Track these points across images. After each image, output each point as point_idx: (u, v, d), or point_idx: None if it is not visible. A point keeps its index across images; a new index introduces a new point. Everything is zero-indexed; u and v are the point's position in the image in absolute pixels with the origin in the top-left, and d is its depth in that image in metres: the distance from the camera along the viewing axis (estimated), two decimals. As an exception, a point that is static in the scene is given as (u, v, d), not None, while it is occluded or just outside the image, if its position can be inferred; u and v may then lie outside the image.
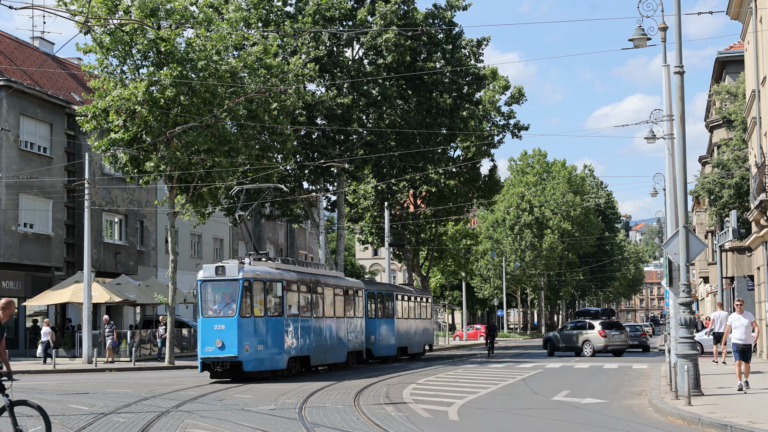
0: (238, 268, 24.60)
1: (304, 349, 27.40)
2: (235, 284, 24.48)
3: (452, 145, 46.03)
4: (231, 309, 24.53)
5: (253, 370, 24.70)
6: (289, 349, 26.23)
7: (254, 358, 24.66)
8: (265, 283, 25.26)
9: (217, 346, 24.26)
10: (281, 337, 25.77)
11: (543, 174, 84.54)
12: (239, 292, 24.35)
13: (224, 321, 24.47)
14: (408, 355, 39.44)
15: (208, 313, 24.80)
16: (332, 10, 37.41)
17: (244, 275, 24.53)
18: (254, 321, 24.75)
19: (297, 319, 26.88)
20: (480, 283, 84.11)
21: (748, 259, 40.58)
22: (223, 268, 24.70)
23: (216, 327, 24.41)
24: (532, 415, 16.47)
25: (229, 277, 24.58)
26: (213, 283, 24.92)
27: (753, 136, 33.44)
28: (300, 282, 27.34)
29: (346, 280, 33.05)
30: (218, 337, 24.31)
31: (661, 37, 21.17)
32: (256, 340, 24.72)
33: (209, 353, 24.43)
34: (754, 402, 16.69)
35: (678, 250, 18.38)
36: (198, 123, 28.83)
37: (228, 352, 24.26)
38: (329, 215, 62.62)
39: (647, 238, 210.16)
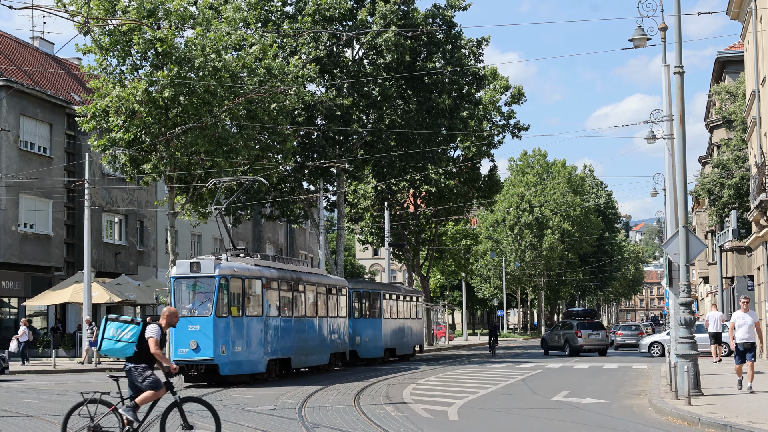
0: (215, 264, 23.13)
1: (285, 351, 25.99)
2: (211, 281, 22.99)
3: (452, 145, 46.03)
4: (206, 308, 23.03)
5: (230, 374, 23.25)
6: (269, 351, 24.80)
7: (231, 360, 23.19)
8: (243, 280, 23.75)
9: (191, 348, 22.76)
10: (260, 338, 24.35)
11: (543, 174, 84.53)
12: (215, 290, 22.86)
13: (199, 321, 22.91)
14: (397, 356, 37.90)
15: (182, 313, 22.97)
16: (332, 10, 37.40)
17: (221, 272, 23.04)
18: (231, 321, 23.26)
19: (277, 319, 25.46)
20: (480, 283, 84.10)
21: (748, 259, 40.58)
22: (198, 264, 23.20)
23: (190, 327, 22.81)
24: (532, 415, 16.47)
25: (204, 273, 23.10)
26: (187, 280, 23.36)
27: (753, 136, 33.45)
28: (280, 279, 25.87)
29: (329, 278, 31.57)
30: (192, 338, 22.78)
31: (661, 37, 21.18)
32: (233, 342, 23.23)
33: (183, 356, 22.86)
34: (754, 402, 16.69)
35: (678, 250, 18.38)
36: (197, 123, 28.82)
37: (203, 355, 22.77)
38: (329, 215, 62.62)
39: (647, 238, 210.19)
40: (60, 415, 16.35)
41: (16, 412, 17.15)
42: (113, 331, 11.36)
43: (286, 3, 39.33)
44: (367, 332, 34.48)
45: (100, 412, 11.32)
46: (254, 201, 39.60)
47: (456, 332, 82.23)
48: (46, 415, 16.55)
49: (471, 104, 43.27)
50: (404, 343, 38.68)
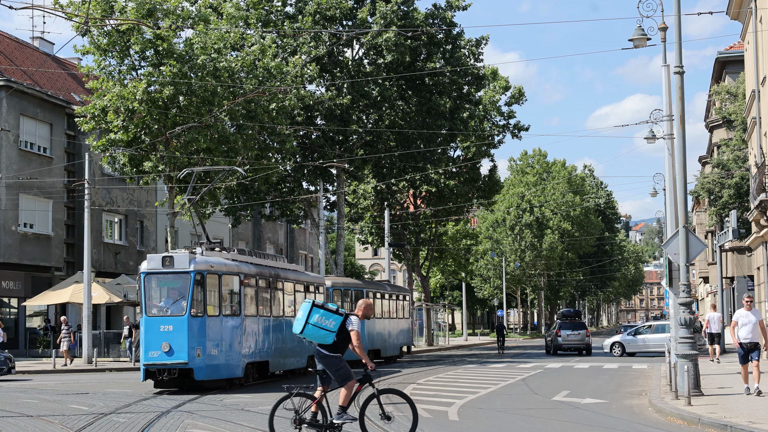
0: (189, 259, 21.32)
1: (263, 354, 24.20)
2: (186, 277, 21.21)
3: (452, 146, 46.02)
4: (180, 307, 21.26)
5: (205, 379, 21.51)
6: (247, 354, 23.03)
7: (207, 364, 21.38)
8: (220, 276, 21.95)
9: (163, 351, 20.96)
10: (238, 340, 22.53)
11: (543, 174, 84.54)
12: (190, 286, 21.09)
13: (172, 321, 21.14)
14: (382, 358, 36.06)
15: (153, 312, 21.39)
16: (333, 10, 37.40)
17: (196, 267, 21.26)
18: (207, 321, 21.47)
19: (255, 319, 23.65)
20: (480, 283, 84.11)
21: (748, 259, 40.59)
22: (171, 258, 21.44)
23: (162, 328, 21.07)
24: (532, 415, 16.47)
25: (178, 269, 21.31)
26: (159, 276, 21.62)
27: (753, 136, 33.44)
28: (259, 276, 24.11)
29: (307, 275, 29.69)
30: (165, 340, 20.95)
31: (661, 37, 21.18)
32: (209, 344, 21.47)
33: (154, 359, 21.09)
34: (754, 402, 16.68)
35: (678, 250, 18.38)
36: (197, 123, 28.82)
37: (177, 358, 20.99)
38: (329, 215, 62.61)
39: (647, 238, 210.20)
40: (60, 416, 16.37)
41: (16, 412, 17.15)
42: (318, 317, 11.68)
43: (287, 3, 39.33)
44: None
45: (304, 405, 11.77)
46: (254, 201, 39.60)
47: (456, 332, 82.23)
48: (46, 415, 16.54)
49: (471, 104, 43.27)
50: (390, 344, 37.23)
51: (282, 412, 11.87)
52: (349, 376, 11.67)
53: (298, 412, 11.64)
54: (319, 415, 11.74)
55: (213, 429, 14.44)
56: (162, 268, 21.48)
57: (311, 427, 11.71)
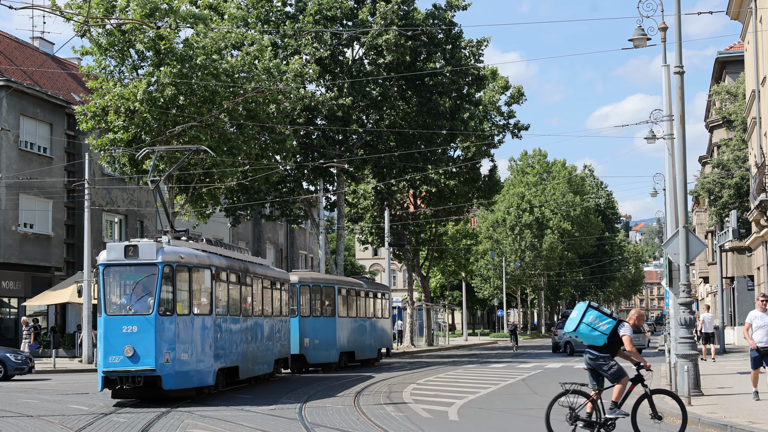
0: (156, 249, 18.74)
1: (233, 358, 21.50)
2: (152, 270, 18.59)
3: (452, 146, 46.03)
4: (146, 304, 18.58)
5: (174, 388, 18.74)
6: (218, 358, 20.32)
7: (177, 371, 18.62)
8: (190, 269, 19.27)
9: (126, 356, 18.21)
10: (210, 343, 19.90)
11: (543, 174, 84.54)
12: (158, 280, 18.47)
13: (137, 321, 18.42)
14: (357, 361, 33.57)
15: (114, 310, 18.71)
16: (333, 10, 37.41)
17: (165, 258, 18.65)
18: (177, 321, 18.76)
19: (226, 319, 21.07)
20: (480, 283, 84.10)
21: (748, 259, 40.59)
22: (135, 247, 18.77)
23: (125, 329, 18.34)
24: (532, 415, 16.46)
25: (144, 260, 18.67)
26: (121, 268, 18.94)
27: (753, 136, 33.44)
28: (230, 270, 21.47)
29: (273, 270, 26.99)
30: (128, 342, 18.25)
31: (661, 37, 21.19)
32: (179, 348, 18.77)
33: (116, 365, 18.29)
34: (754, 402, 16.67)
35: (678, 250, 18.38)
36: (197, 122, 28.82)
37: (142, 364, 18.22)
38: (329, 215, 62.63)
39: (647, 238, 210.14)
40: (60, 416, 16.38)
41: (16, 412, 17.15)
42: (592, 318, 12.04)
43: (287, 3, 39.35)
44: (318, 333, 30.11)
45: (579, 402, 12.07)
46: (254, 201, 39.60)
47: (456, 332, 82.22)
48: (45, 415, 16.55)
49: (471, 104, 43.28)
50: (366, 346, 34.58)
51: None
52: (622, 374, 12.08)
53: (573, 409, 12.01)
54: (594, 414, 12.09)
55: (213, 428, 14.45)
56: (124, 259, 18.82)
57: (586, 426, 12.06)
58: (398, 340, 53.78)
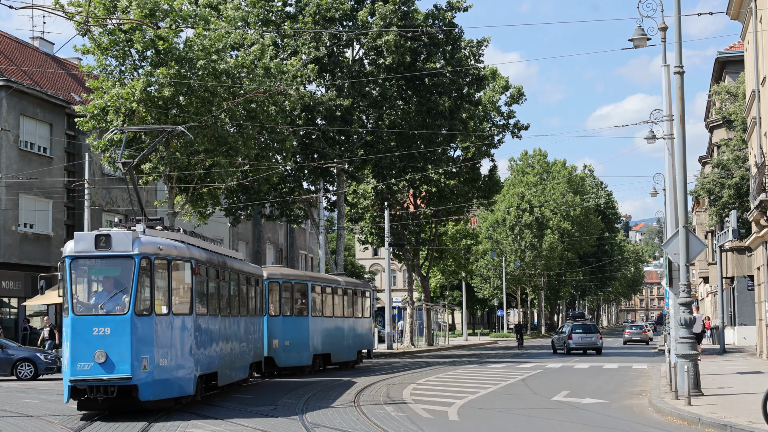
0: (132, 239, 16.60)
1: (212, 363, 19.20)
2: (128, 264, 16.45)
3: (452, 145, 46.04)
4: (121, 303, 16.42)
5: (152, 399, 16.44)
6: (198, 364, 17.92)
7: (155, 379, 16.36)
8: (170, 262, 17.10)
9: (98, 362, 15.98)
10: (190, 346, 17.52)
11: (543, 174, 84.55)
12: (134, 275, 16.35)
13: (110, 321, 16.21)
14: (334, 364, 31.42)
15: (83, 309, 16.43)
16: (332, 11, 37.41)
17: (142, 249, 16.54)
18: (156, 322, 16.60)
19: (206, 319, 18.75)
20: (480, 283, 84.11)
21: (748, 259, 40.59)
22: (107, 237, 16.57)
23: (96, 331, 16.10)
24: (532, 415, 16.47)
25: (118, 251, 16.51)
26: (92, 261, 16.79)
27: (753, 136, 33.43)
28: (209, 264, 19.26)
29: (248, 265, 24.76)
30: (100, 347, 16.03)
31: (661, 37, 21.20)
32: (158, 352, 16.53)
33: (85, 372, 15.98)
34: (754, 402, 16.66)
35: (678, 250, 18.39)
36: (197, 123, 28.82)
37: (117, 371, 16.00)
38: (329, 215, 62.65)
39: (647, 238, 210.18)
40: (60, 416, 16.38)
41: (16, 412, 17.15)
42: None
43: (287, 3, 39.35)
44: (288, 334, 27.72)
45: None
46: (254, 201, 39.60)
47: (456, 332, 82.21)
48: (45, 415, 16.56)
49: (471, 104, 43.28)
50: (343, 348, 32.15)
51: None
52: None
53: None
54: None
55: (212, 428, 14.45)
56: (95, 250, 16.60)
57: None
58: (398, 340, 53.83)
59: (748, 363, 30.16)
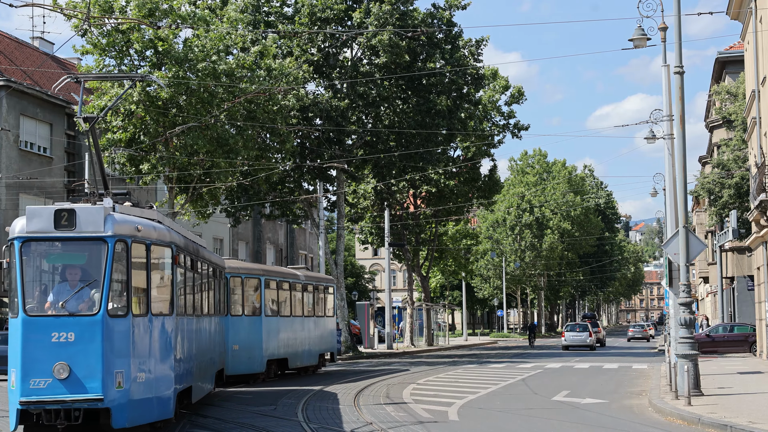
0: (105, 215, 12.99)
1: (188, 375, 15.54)
2: (99, 249, 12.87)
3: (452, 145, 46.03)
4: (89, 300, 12.81)
5: (128, 425, 12.79)
6: (177, 378, 14.37)
7: (132, 400, 12.81)
8: (148, 248, 13.58)
9: (58, 378, 12.31)
10: (170, 357, 13.97)
11: (543, 174, 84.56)
12: (106, 264, 12.76)
13: (75, 325, 12.56)
14: (292, 369, 27.73)
15: (38, 308, 12.76)
16: (327, 12, 37.43)
17: (117, 230, 12.97)
18: (134, 325, 13.04)
19: (184, 321, 15.17)
20: (480, 283, 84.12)
21: (748, 259, 40.59)
22: (71, 214, 12.90)
23: (56, 337, 12.46)
24: (532, 415, 16.46)
25: (85, 232, 12.86)
26: (51, 245, 13.20)
27: (753, 136, 33.43)
28: (186, 252, 15.59)
29: (215, 255, 20.93)
30: (61, 358, 12.38)
31: (661, 37, 21.21)
32: (135, 365, 12.98)
33: (41, 392, 12.27)
34: (754, 402, 16.69)
35: (678, 250, 18.39)
36: (197, 123, 28.82)
37: (84, 391, 12.33)
38: (329, 215, 62.65)
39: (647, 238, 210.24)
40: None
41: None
42: None
43: (285, 4, 39.35)
44: (238, 337, 23.57)
45: None
46: (254, 201, 39.60)
47: (456, 332, 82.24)
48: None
49: (471, 104, 43.27)
50: (302, 352, 28.03)
51: None
52: None
53: None
54: None
55: (212, 428, 14.44)
56: (55, 230, 12.91)
57: None
58: (398, 340, 53.83)
59: (748, 363, 30.18)
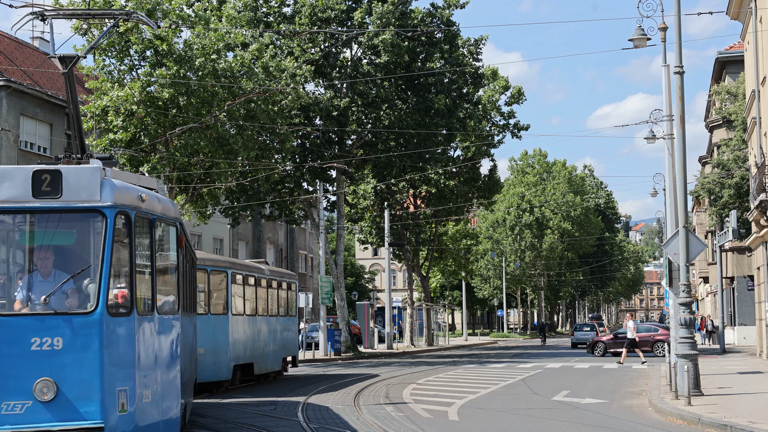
0: (101, 180, 9.62)
1: (186, 391, 12.58)
2: (96, 222, 9.64)
3: (452, 145, 46.03)
4: (82, 294, 9.60)
5: None
6: (182, 392, 11.44)
7: (138, 426, 9.60)
8: (153, 224, 10.21)
9: (40, 399, 9.16)
10: (176, 367, 10.73)
11: (543, 174, 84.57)
12: (105, 244, 9.49)
13: (63, 327, 9.32)
14: (254, 377, 24.19)
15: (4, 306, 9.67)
16: (328, 11, 37.42)
17: (118, 199, 9.64)
18: (138, 327, 9.78)
19: (185, 321, 12.11)
20: (480, 283, 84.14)
21: (748, 259, 40.60)
22: (56, 176, 9.55)
23: (36, 344, 9.25)
24: (532, 415, 16.46)
25: (76, 200, 9.56)
26: (27, 219, 9.79)
27: (753, 136, 33.43)
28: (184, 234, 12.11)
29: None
30: (45, 373, 9.20)
31: (661, 37, 21.23)
32: (141, 380, 9.77)
33: (16, 419, 9.08)
34: (754, 402, 16.69)
35: (678, 250, 18.39)
36: (197, 124, 28.81)
37: (78, 418, 9.16)
38: (329, 215, 62.68)
39: (647, 238, 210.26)
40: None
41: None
42: None
43: (284, 4, 39.35)
44: (203, 339, 19.64)
45: None
46: (254, 201, 39.60)
47: (456, 332, 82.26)
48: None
49: (470, 104, 43.26)
50: (268, 355, 24.86)
51: None
52: None
53: None
54: None
55: (212, 428, 14.44)
56: (33, 198, 9.50)
57: None
58: (398, 340, 53.84)
59: (748, 363, 30.18)
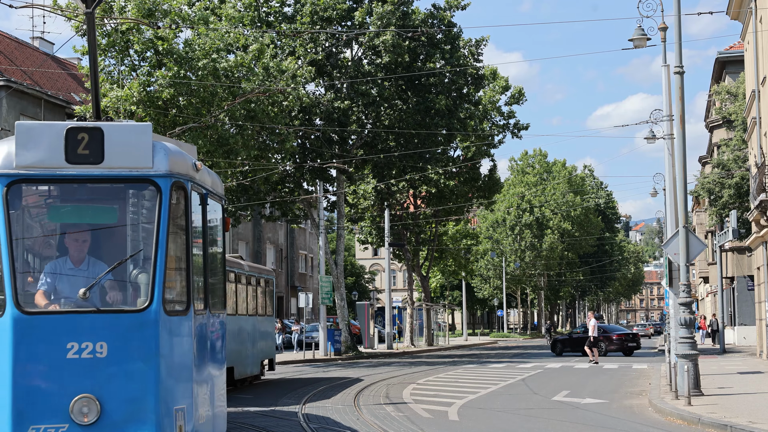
0: (153, 143, 7.56)
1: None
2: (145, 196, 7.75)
3: (452, 145, 46.03)
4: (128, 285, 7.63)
5: None
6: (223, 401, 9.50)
7: None
8: (204, 199, 8.30)
9: (78, 422, 6.94)
10: (223, 377, 9.12)
11: (543, 174, 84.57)
12: (160, 223, 7.39)
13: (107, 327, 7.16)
14: (234, 381, 21.96)
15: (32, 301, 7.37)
16: (329, 11, 37.42)
17: (173, 167, 7.60)
18: (196, 328, 7.86)
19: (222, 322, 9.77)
20: (480, 283, 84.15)
21: (748, 259, 40.61)
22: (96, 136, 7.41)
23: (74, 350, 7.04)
24: (532, 415, 16.46)
25: (122, 168, 7.44)
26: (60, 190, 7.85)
27: (753, 136, 33.43)
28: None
29: None
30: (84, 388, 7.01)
31: (661, 37, 21.22)
32: (198, 395, 7.87)
33: None
34: (754, 402, 16.69)
35: (678, 250, 18.38)
36: (197, 124, 28.80)
37: None
38: (329, 215, 62.70)
39: (647, 238, 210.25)
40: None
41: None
42: None
43: (285, 3, 39.35)
44: None
45: None
46: (254, 201, 39.59)
47: (456, 332, 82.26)
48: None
49: (471, 104, 43.27)
50: (247, 358, 23.41)
51: None
52: None
53: None
54: None
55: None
56: (67, 164, 7.46)
57: None
58: (398, 340, 53.86)
59: (748, 363, 30.18)
